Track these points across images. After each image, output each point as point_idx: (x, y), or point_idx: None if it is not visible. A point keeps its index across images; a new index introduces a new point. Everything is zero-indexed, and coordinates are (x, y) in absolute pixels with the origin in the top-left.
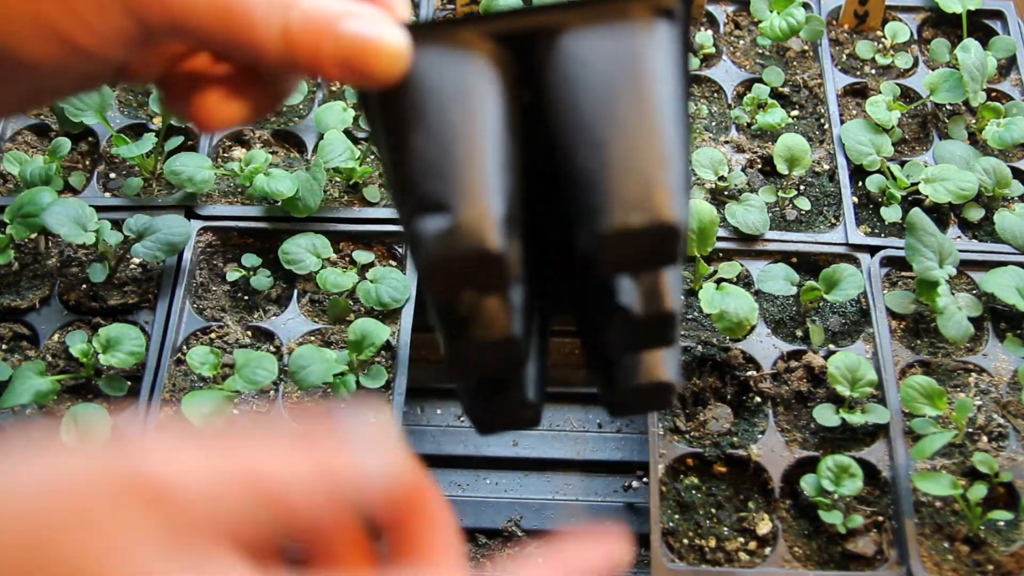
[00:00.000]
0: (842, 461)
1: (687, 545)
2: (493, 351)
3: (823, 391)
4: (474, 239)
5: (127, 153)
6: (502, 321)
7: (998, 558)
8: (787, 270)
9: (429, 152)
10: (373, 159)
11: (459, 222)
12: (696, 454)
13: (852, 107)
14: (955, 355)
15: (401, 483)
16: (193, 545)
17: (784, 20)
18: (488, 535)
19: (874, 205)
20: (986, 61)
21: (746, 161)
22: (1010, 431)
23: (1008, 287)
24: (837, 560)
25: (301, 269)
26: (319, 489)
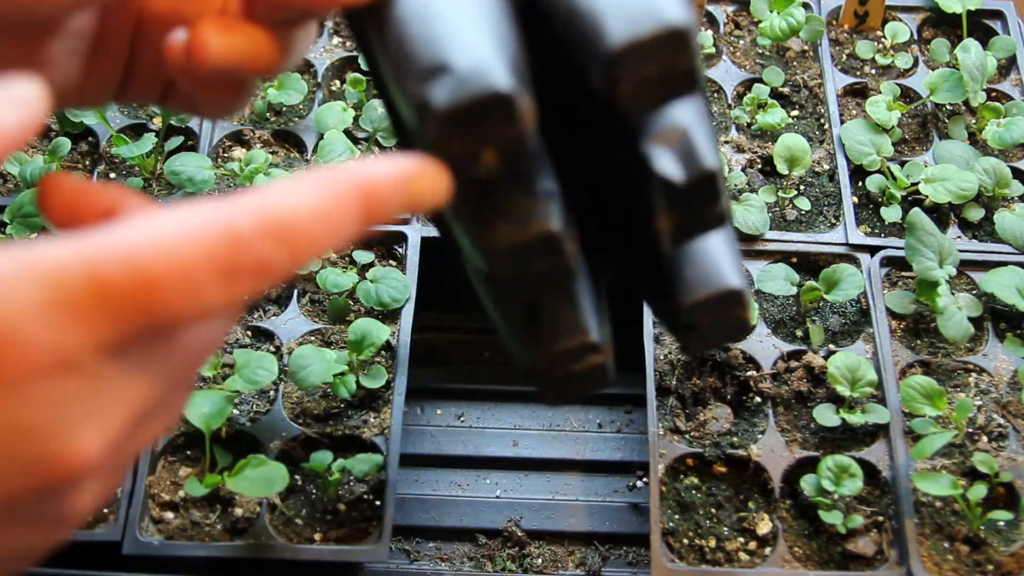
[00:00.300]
0: (842, 461)
1: (687, 545)
2: (531, 252)
3: (823, 391)
4: (479, 81)
5: (127, 153)
6: (535, 213)
7: (998, 558)
8: (787, 270)
9: (422, 29)
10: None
11: (460, 70)
12: (696, 454)
13: (852, 107)
14: (955, 355)
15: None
16: None
17: (784, 20)
18: (488, 535)
19: (874, 205)
20: (986, 61)
21: (746, 161)
22: (1010, 431)
23: (1008, 287)
24: (837, 560)
25: (301, 269)
26: None
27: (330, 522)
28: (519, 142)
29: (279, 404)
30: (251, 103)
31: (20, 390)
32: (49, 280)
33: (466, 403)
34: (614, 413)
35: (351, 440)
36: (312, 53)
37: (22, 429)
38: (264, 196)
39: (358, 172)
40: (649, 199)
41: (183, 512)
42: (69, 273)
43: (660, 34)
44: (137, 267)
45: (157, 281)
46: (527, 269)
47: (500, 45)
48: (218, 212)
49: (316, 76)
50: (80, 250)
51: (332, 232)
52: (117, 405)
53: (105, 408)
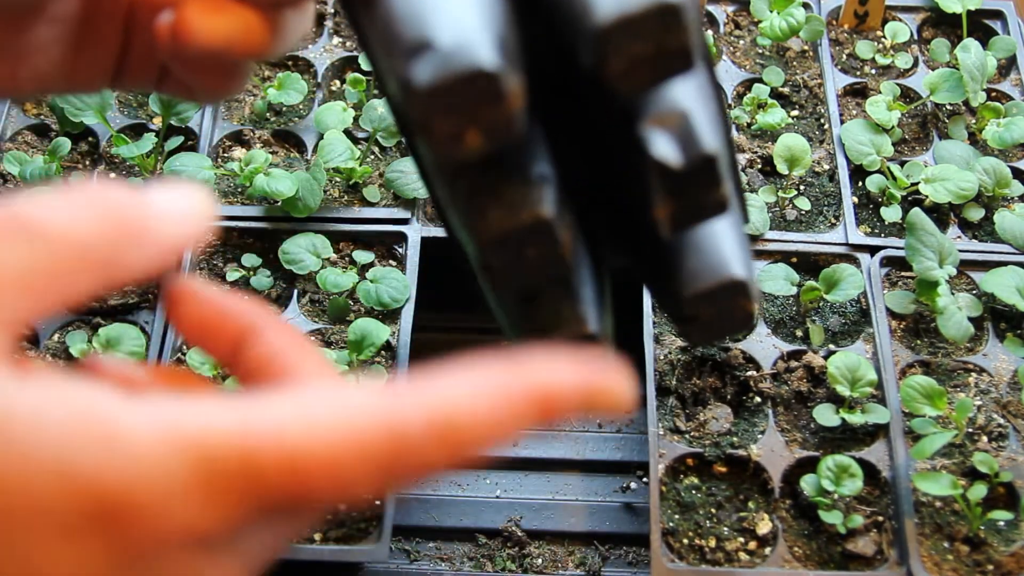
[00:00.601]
0: (842, 461)
1: (687, 545)
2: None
3: (823, 391)
4: (462, 58)
5: (127, 153)
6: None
7: (998, 558)
8: (787, 270)
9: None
10: (373, 159)
11: (444, 47)
12: (696, 454)
13: (852, 107)
14: (955, 355)
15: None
16: None
17: (784, 20)
18: (488, 535)
19: (874, 205)
20: (986, 61)
21: (746, 161)
22: (1010, 431)
23: (1008, 287)
24: (837, 560)
25: (301, 269)
26: (96, 215)
27: (330, 522)
28: (506, 123)
29: None
30: (251, 103)
31: (146, 560)
32: (198, 457)
33: None
34: None
35: None
36: (312, 53)
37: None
38: (435, 392)
39: (541, 378)
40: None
41: None
42: (222, 454)
43: (651, 9)
44: (293, 458)
45: (312, 475)
46: (520, 257)
47: (488, 22)
48: (387, 406)
49: (316, 76)
50: (238, 427)
51: (500, 437)
52: (236, 569)
53: (224, 573)
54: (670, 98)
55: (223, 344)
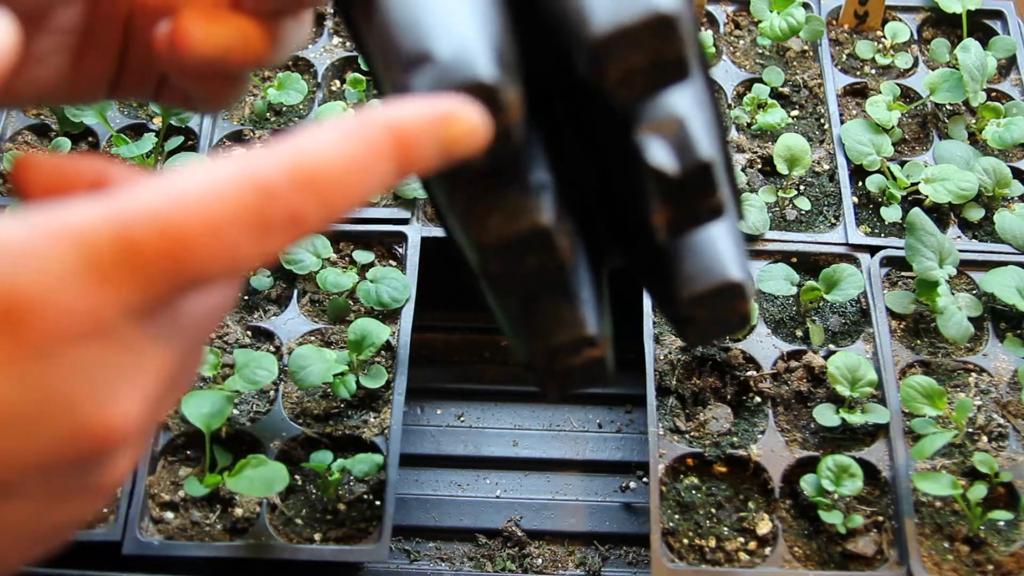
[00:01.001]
0: (842, 461)
1: (687, 545)
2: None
3: (823, 391)
4: (461, 71)
5: (127, 153)
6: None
7: (998, 558)
8: (787, 270)
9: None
10: None
11: (443, 59)
12: (696, 454)
13: (852, 107)
14: (955, 355)
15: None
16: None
17: (784, 20)
18: (488, 535)
19: (874, 205)
20: (986, 61)
21: (746, 161)
22: (1010, 431)
23: (1008, 287)
24: (837, 560)
25: (301, 269)
26: None
27: (330, 522)
28: (504, 135)
29: (279, 404)
30: (251, 103)
31: (54, 359)
32: (78, 244)
33: (466, 403)
34: (614, 413)
35: (351, 440)
36: (312, 53)
37: (59, 399)
38: (293, 145)
39: (390, 116)
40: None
41: (183, 512)
42: (98, 236)
43: (647, 20)
44: (167, 226)
45: (188, 240)
46: (520, 263)
47: (486, 33)
48: (246, 165)
49: (316, 76)
50: (108, 212)
51: (365, 181)
52: (150, 370)
53: (139, 373)
54: (666, 105)
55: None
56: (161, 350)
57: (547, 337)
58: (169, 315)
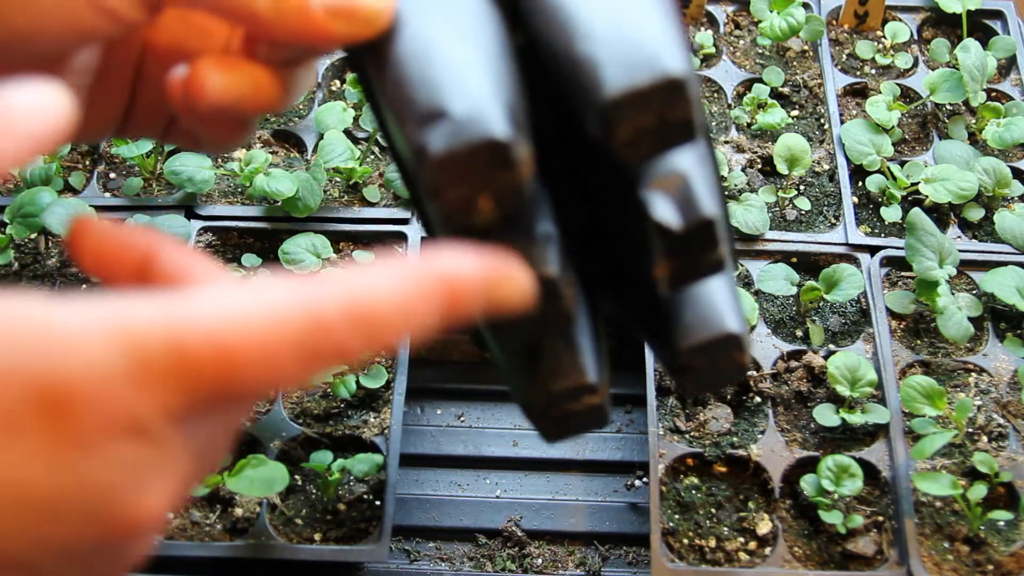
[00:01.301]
0: (842, 461)
1: (687, 545)
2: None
3: (823, 391)
4: (475, 128)
5: (127, 153)
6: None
7: (998, 558)
8: (787, 270)
9: (421, 72)
10: (373, 159)
11: (457, 116)
12: (696, 454)
13: (852, 107)
14: (955, 355)
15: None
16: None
17: (784, 20)
18: (488, 535)
19: (874, 205)
20: (986, 61)
21: (746, 161)
22: (1010, 431)
23: (1008, 287)
24: (837, 560)
25: (301, 269)
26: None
27: (330, 522)
28: (516, 190)
29: (279, 404)
30: None
31: (93, 451)
32: (132, 346)
33: (466, 403)
34: (614, 413)
35: (351, 440)
36: None
37: (94, 488)
38: (350, 281)
39: (445, 266)
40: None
41: (183, 512)
42: (153, 341)
43: (657, 84)
44: (222, 346)
45: (239, 360)
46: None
47: (498, 89)
48: (304, 295)
49: (316, 76)
50: (165, 318)
51: (412, 324)
52: (179, 467)
53: (170, 469)
54: (671, 163)
55: (125, 273)
56: (191, 449)
57: (548, 383)
58: (203, 418)
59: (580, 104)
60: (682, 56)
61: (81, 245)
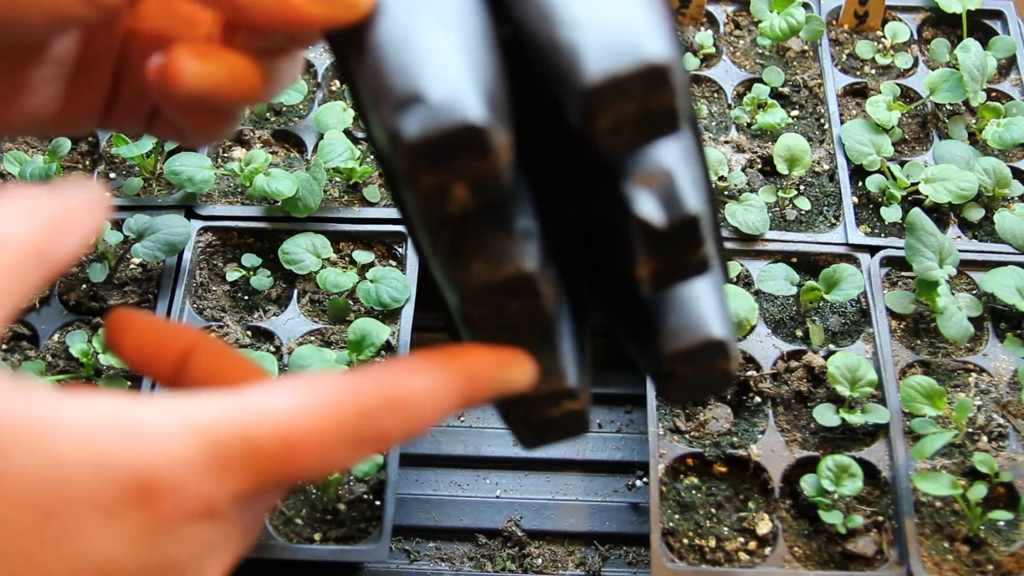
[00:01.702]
0: (842, 461)
1: (687, 545)
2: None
3: (823, 391)
4: (451, 112)
5: (127, 153)
6: (511, 252)
7: (998, 558)
8: (787, 270)
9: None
10: (373, 159)
11: (433, 100)
12: (696, 454)
13: (852, 107)
14: (955, 355)
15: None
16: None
17: (784, 20)
18: (488, 535)
19: (874, 205)
20: (986, 61)
21: (746, 161)
22: (1010, 431)
23: (1008, 287)
24: (837, 560)
25: (301, 269)
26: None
27: (330, 522)
28: (492, 178)
29: None
30: None
31: (173, 532)
32: (208, 438)
33: None
34: (614, 413)
35: None
36: (312, 53)
37: (171, 564)
38: (387, 373)
39: (465, 359)
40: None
41: None
42: (226, 433)
43: (639, 71)
44: (286, 436)
45: (300, 449)
46: (502, 309)
47: (478, 76)
48: (350, 387)
49: (316, 76)
50: (236, 412)
51: (441, 408)
52: (237, 542)
53: (229, 546)
54: (655, 158)
55: (164, 366)
56: (246, 526)
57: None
58: (259, 498)
59: (560, 92)
60: (667, 43)
61: (122, 338)
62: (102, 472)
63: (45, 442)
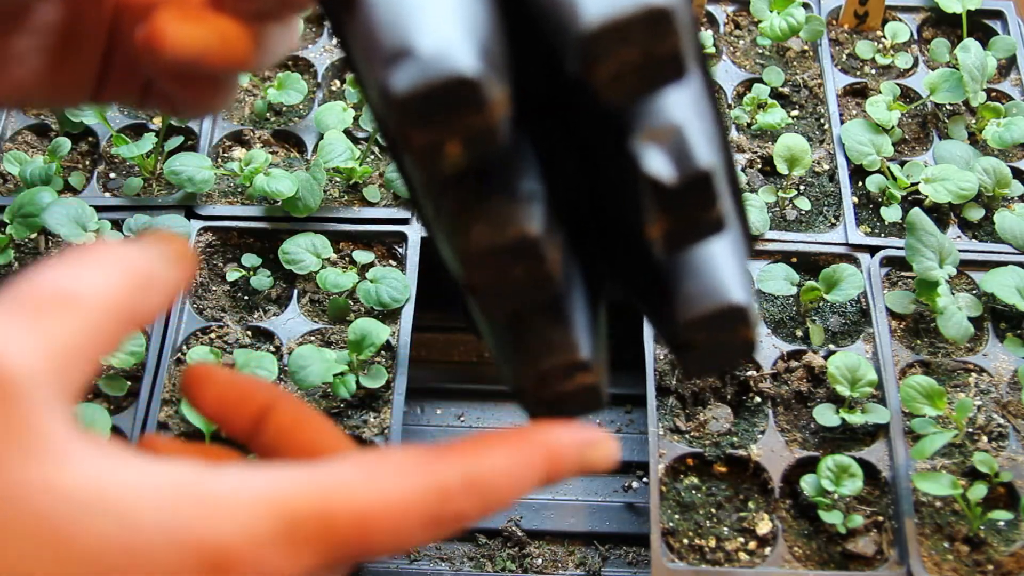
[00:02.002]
0: (842, 461)
1: (687, 545)
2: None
3: (823, 391)
4: (441, 64)
5: (127, 153)
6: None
7: (998, 558)
8: (787, 270)
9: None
10: (373, 159)
11: (424, 54)
12: (696, 454)
13: (852, 107)
14: (955, 355)
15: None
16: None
17: (784, 20)
18: (488, 535)
19: (874, 205)
20: (986, 61)
21: (746, 161)
22: (1010, 431)
23: (1008, 287)
24: (837, 560)
25: (301, 269)
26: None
27: None
28: (488, 133)
29: None
30: (251, 103)
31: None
32: (284, 513)
33: (466, 403)
34: (614, 413)
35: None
36: (312, 53)
37: None
38: (468, 453)
39: (547, 439)
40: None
41: None
42: (301, 509)
43: (640, 13)
44: (362, 515)
45: (376, 528)
46: (505, 275)
47: (472, 30)
48: (431, 467)
49: (316, 76)
50: (312, 488)
51: (520, 490)
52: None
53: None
54: (663, 110)
55: (242, 422)
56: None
57: (537, 360)
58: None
59: (559, 41)
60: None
61: (202, 394)
62: (176, 543)
63: (119, 508)
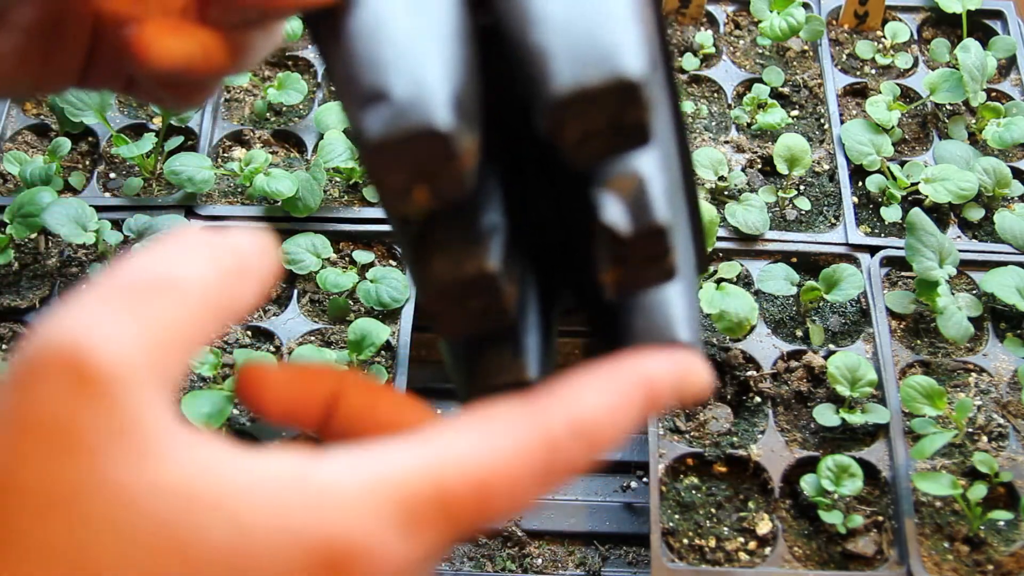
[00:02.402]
0: (842, 461)
1: (687, 545)
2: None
3: (823, 391)
4: (415, 115)
5: (127, 153)
6: (473, 251)
7: (998, 558)
8: (787, 270)
9: (369, 49)
10: None
11: (398, 100)
12: (696, 454)
13: (852, 107)
14: (955, 355)
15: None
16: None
17: (784, 20)
18: (488, 535)
19: (874, 205)
20: (986, 61)
21: (746, 161)
22: (1010, 431)
23: (1008, 287)
24: (837, 560)
25: (301, 269)
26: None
27: None
28: (456, 183)
29: None
30: (251, 103)
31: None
32: (399, 496)
33: None
34: None
35: None
36: (312, 53)
37: None
38: (568, 397)
39: (644, 370)
40: (594, 248)
41: None
42: (418, 488)
43: (609, 84)
44: (479, 482)
45: (494, 494)
46: (462, 306)
47: (448, 73)
48: (535, 418)
49: (316, 76)
50: (425, 463)
51: (624, 427)
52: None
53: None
54: (629, 163)
55: (312, 416)
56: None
57: (486, 379)
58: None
59: (530, 97)
60: (641, 54)
61: (261, 399)
62: (290, 541)
63: (227, 506)
